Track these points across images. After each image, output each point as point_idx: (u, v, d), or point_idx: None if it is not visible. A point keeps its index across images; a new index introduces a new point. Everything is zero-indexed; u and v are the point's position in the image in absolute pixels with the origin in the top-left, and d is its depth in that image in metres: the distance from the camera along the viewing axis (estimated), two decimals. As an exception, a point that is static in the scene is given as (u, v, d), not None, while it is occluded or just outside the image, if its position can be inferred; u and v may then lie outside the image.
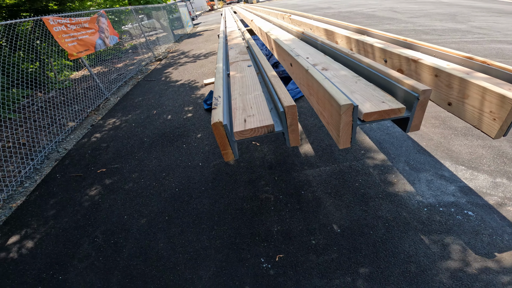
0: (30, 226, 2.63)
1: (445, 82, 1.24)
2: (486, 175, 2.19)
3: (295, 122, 1.07)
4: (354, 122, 1.00)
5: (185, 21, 15.72)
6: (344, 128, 1.01)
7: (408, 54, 1.41)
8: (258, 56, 1.74)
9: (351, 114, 0.97)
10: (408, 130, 1.11)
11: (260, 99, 1.27)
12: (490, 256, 1.63)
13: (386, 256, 1.73)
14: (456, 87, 1.19)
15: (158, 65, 8.37)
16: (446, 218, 1.90)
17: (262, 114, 1.13)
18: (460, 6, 10.67)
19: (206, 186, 2.63)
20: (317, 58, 1.67)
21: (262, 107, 1.19)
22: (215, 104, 1.15)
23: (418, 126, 1.11)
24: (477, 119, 1.17)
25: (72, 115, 5.15)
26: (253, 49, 1.98)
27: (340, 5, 15.50)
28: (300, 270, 1.74)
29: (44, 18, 4.23)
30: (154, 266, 1.98)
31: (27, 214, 2.81)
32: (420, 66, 1.36)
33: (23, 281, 2.07)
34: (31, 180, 3.48)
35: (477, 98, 1.12)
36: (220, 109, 1.10)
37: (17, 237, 2.52)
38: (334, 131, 1.10)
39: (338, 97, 0.97)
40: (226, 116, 1.11)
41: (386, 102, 1.04)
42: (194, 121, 4.02)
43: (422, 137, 2.75)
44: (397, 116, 1.03)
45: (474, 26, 6.96)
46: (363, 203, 2.13)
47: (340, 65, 1.49)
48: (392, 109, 1.01)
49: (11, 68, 4.75)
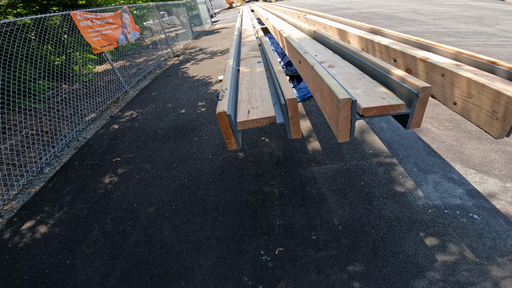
0: (46, 211, 2.78)
1: (450, 81, 1.24)
2: (496, 179, 2.14)
3: (296, 115, 1.10)
4: (353, 117, 1.03)
5: (204, 18, 15.95)
6: (343, 122, 1.04)
7: (416, 54, 1.41)
8: (268, 52, 1.79)
9: (349, 108, 1.00)
10: (408, 126, 1.12)
11: (265, 92, 1.32)
12: (491, 260, 1.61)
13: (384, 255, 1.74)
14: (461, 86, 1.19)
15: (176, 60, 8.57)
16: (450, 220, 1.88)
17: (265, 106, 1.18)
18: (488, 9, 10.22)
19: (214, 178, 2.71)
20: (326, 56, 1.70)
21: (266, 100, 1.23)
22: (222, 95, 1.21)
23: (419, 123, 1.12)
24: (480, 119, 1.17)
25: (93, 106, 5.39)
26: (264, 46, 2.02)
27: (360, 6, 15.19)
28: (298, 264, 1.78)
29: (72, 13, 4.46)
30: (157, 253, 2.06)
31: (44, 199, 2.97)
32: (427, 66, 1.36)
33: (33, 265, 2.18)
34: (51, 167, 3.67)
35: (480, 97, 1.12)
36: (225, 100, 1.15)
37: (32, 222, 2.67)
38: (334, 125, 1.13)
39: (337, 91, 1.01)
40: (231, 107, 1.16)
41: (386, 98, 1.06)
42: (206, 116, 4.12)
43: (434, 139, 2.70)
44: (396, 112, 1.05)
45: (501, 29, 6.66)
46: (367, 202, 2.13)
47: (347, 63, 1.51)
48: (392, 105, 1.03)
49: (39, 60, 5.03)
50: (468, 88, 1.17)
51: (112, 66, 5.58)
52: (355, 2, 17.84)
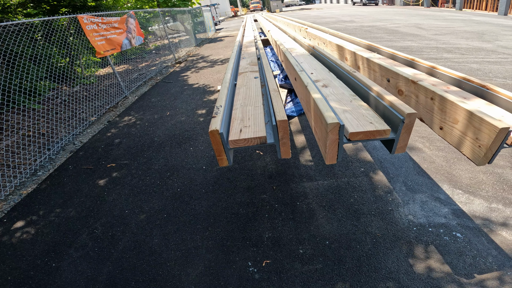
0: (36, 213, 2.76)
1: (438, 106, 1.29)
2: (482, 200, 2.19)
3: (286, 136, 1.14)
4: (340, 140, 1.07)
5: (208, 25, 16.22)
6: (330, 145, 1.08)
7: (408, 75, 1.47)
8: (265, 68, 1.84)
9: (337, 133, 1.04)
10: (393, 151, 1.16)
11: (258, 111, 1.36)
12: (470, 277, 1.65)
13: (368, 271, 1.77)
14: (447, 111, 1.24)
15: (177, 67, 8.67)
16: (433, 238, 1.92)
17: (257, 125, 1.22)
18: (490, 25, 10.50)
19: (206, 189, 2.73)
20: (321, 75, 1.75)
21: (258, 119, 1.28)
22: (215, 113, 1.25)
23: (404, 148, 1.17)
24: (465, 145, 1.21)
25: (91, 110, 5.42)
26: (262, 61, 2.08)
27: (363, 19, 15.53)
28: (284, 277, 1.79)
29: (79, 16, 4.55)
30: (145, 260, 2.07)
31: (35, 201, 2.95)
32: (418, 88, 1.41)
33: (17, 266, 2.17)
34: (45, 169, 3.67)
35: (465, 124, 1.16)
36: (219, 118, 1.19)
37: (21, 223, 2.65)
38: (322, 147, 1.17)
39: (327, 115, 1.05)
40: (224, 125, 1.20)
41: (373, 123, 1.11)
42: (203, 126, 4.16)
43: (425, 159, 2.75)
44: (382, 138, 1.09)
45: (500, 45, 6.84)
46: (355, 219, 2.16)
47: (341, 83, 1.57)
48: (378, 130, 1.07)
49: (42, 61, 5.07)
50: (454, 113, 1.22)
51: (114, 70, 5.64)
52: (358, 16, 18.28)
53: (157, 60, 9.45)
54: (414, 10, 20.02)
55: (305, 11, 30.11)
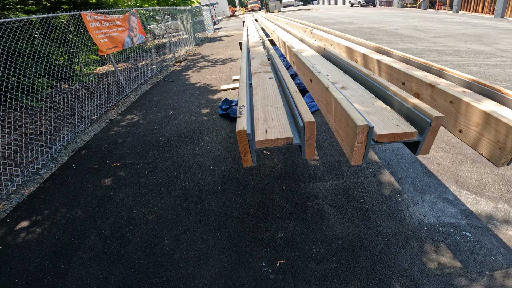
0: (40, 213, 2.72)
1: (458, 109, 1.31)
2: (488, 200, 2.24)
3: (312, 137, 1.15)
4: (368, 142, 1.08)
5: (207, 25, 16.17)
6: (358, 146, 1.09)
7: (425, 79, 1.49)
8: (281, 69, 1.85)
9: (366, 134, 1.05)
10: (417, 153, 1.18)
11: (280, 111, 1.36)
12: (481, 274, 1.69)
13: (382, 269, 1.79)
14: (468, 115, 1.25)
15: (177, 66, 8.63)
16: (444, 237, 1.96)
17: (282, 126, 1.22)
18: (487, 27, 10.64)
19: (215, 189, 2.72)
20: (337, 76, 1.77)
21: (282, 120, 1.28)
22: (240, 113, 1.25)
23: (428, 150, 1.18)
24: (484, 148, 1.23)
25: (92, 108, 5.36)
26: (275, 62, 2.09)
27: (362, 21, 15.63)
28: (299, 277, 1.80)
29: (82, 13, 4.50)
30: (157, 261, 2.05)
31: (39, 201, 2.91)
32: (436, 91, 1.43)
33: (24, 268, 2.12)
34: (47, 168, 3.62)
35: (486, 127, 1.18)
36: (244, 118, 1.19)
37: (25, 223, 2.60)
38: (348, 149, 1.18)
39: (355, 117, 1.06)
40: (249, 125, 1.20)
41: (400, 126, 1.12)
42: (208, 125, 4.15)
43: (431, 160, 2.79)
44: (409, 140, 1.11)
45: (499, 48, 6.95)
46: (366, 219, 2.19)
47: (359, 85, 1.58)
48: (405, 132, 1.09)
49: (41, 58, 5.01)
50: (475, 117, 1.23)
51: (115, 68, 5.60)
52: (357, 17, 18.38)
53: (157, 59, 9.40)
54: (412, 12, 20.22)
55: (303, 12, 30.19)
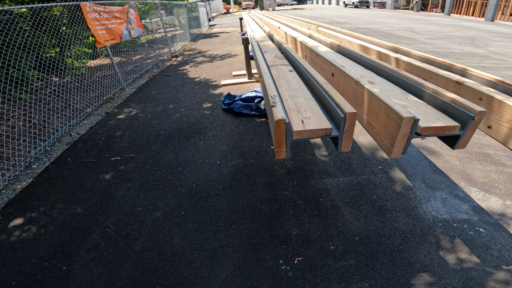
0: (35, 210, 2.56)
1: (489, 106, 1.30)
2: (497, 197, 2.28)
3: (352, 128, 1.11)
4: (411, 135, 1.05)
5: (202, 21, 15.94)
6: (400, 139, 1.06)
7: (452, 76, 1.47)
8: (301, 63, 1.80)
9: (410, 127, 1.02)
10: (456, 147, 1.16)
11: (312, 103, 1.32)
12: (499, 268, 1.72)
13: (402, 265, 1.79)
14: (500, 111, 1.24)
15: (174, 61, 8.45)
16: (459, 233, 1.98)
17: (318, 117, 1.18)
18: (479, 30, 10.93)
19: (224, 185, 2.66)
20: (359, 71, 1.73)
21: (316, 111, 1.24)
22: (273, 102, 1.20)
23: (465, 144, 1.17)
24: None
25: (87, 101, 5.17)
26: (293, 55, 2.04)
27: (357, 21, 15.77)
28: (318, 274, 1.77)
29: (82, 4, 4.32)
30: (168, 261, 1.95)
31: (33, 197, 2.75)
32: (463, 88, 1.42)
33: (21, 269, 1.98)
34: (40, 162, 3.45)
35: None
36: (280, 108, 1.14)
37: (19, 221, 2.44)
38: (386, 142, 1.15)
39: (399, 109, 1.02)
40: (285, 115, 1.15)
41: (441, 119, 1.10)
42: (211, 120, 4.07)
43: (439, 158, 2.81)
44: (450, 133, 1.08)
45: (492, 51, 7.14)
46: (381, 215, 2.18)
47: (385, 80, 1.55)
48: (448, 126, 1.06)
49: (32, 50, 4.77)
50: (507, 113, 1.23)
51: (112, 61, 5.42)
52: (352, 17, 18.55)
53: (152, 53, 9.18)
54: (405, 14, 20.58)
55: (298, 11, 30.23)
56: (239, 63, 7.44)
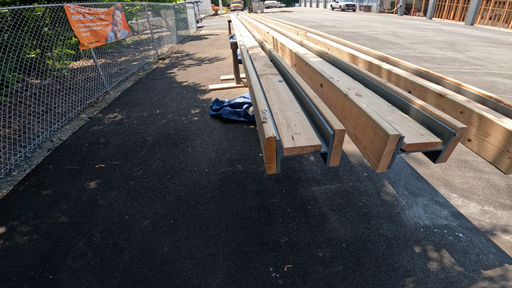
0: (17, 219, 2.48)
1: (469, 119, 1.37)
2: (475, 203, 2.39)
3: (340, 144, 1.14)
4: (396, 151, 1.10)
5: (190, 23, 15.81)
6: (386, 155, 1.10)
7: (434, 88, 1.54)
8: (291, 73, 1.83)
9: (396, 144, 1.07)
10: (437, 161, 1.22)
11: (302, 117, 1.34)
12: (477, 272, 1.81)
13: (387, 270, 1.85)
14: (479, 126, 1.32)
15: (161, 64, 8.33)
16: (439, 238, 2.07)
17: (308, 133, 1.21)
18: (459, 35, 11.42)
19: (213, 193, 2.65)
20: (348, 83, 1.78)
21: (306, 126, 1.26)
22: (264, 118, 1.21)
23: (446, 158, 1.23)
24: (493, 156, 1.30)
25: (68, 105, 5.01)
26: (282, 65, 2.07)
27: (344, 25, 16.14)
28: (308, 281, 1.80)
29: (65, 5, 4.19)
30: (158, 270, 1.94)
31: (14, 205, 2.65)
32: (445, 101, 1.49)
33: (6, 278, 1.93)
34: (20, 169, 3.32)
35: (497, 138, 1.25)
36: (270, 124, 1.16)
37: (1, 229, 2.36)
38: (372, 157, 1.19)
39: (386, 127, 1.07)
40: (275, 131, 1.17)
41: (424, 135, 1.15)
42: (199, 126, 4.04)
43: (420, 165, 2.92)
44: (433, 149, 1.14)
45: (472, 56, 7.48)
46: (366, 221, 2.24)
47: (372, 93, 1.61)
48: (430, 142, 1.11)
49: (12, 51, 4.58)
50: (486, 128, 1.30)
51: (96, 64, 5.27)
52: (339, 21, 18.95)
53: (138, 55, 9.01)
54: (389, 17, 21.26)
55: (286, 14, 30.59)
56: (228, 66, 7.44)
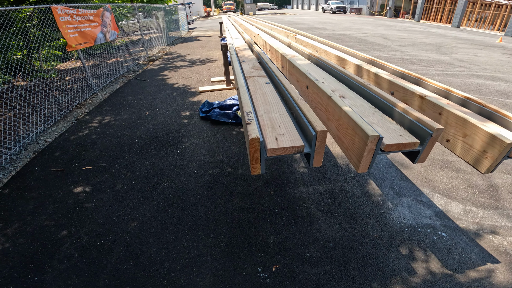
0: (1, 221, 2.44)
1: (447, 120, 1.42)
2: (458, 203, 2.47)
3: (322, 145, 1.17)
4: (376, 151, 1.13)
5: (182, 24, 15.76)
6: (366, 155, 1.14)
7: (415, 90, 1.60)
8: (278, 76, 1.86)
9: (375, 144, 1.10)
10: (416, 161, 1.26)
11: (286, 119, 1.37)
12: (460, 271, 1.86)
13: (373, 270, 1.89)
14: (457, 126, 1.37)
15: (151, 65, 8.26)
16: (423, 238, 2.12)
17: (291, 134, 1.23)
18: (445, 37, 11.75)
19: (201, 194, 2.65)
20: (333, 85, 1.82)
21: (290, 127, 1.29)
22: (248, 119, 1.24)
23: (425, 158, 1.27)
24: (471, 156, 1.35)
25: (55, 106, 4.91)
26: (270, 67, 2.10)
27: (335, 27, 16.41)
28: (296, 280, 1.82)
29: (53, 7, 4.13)
30: (146, 271, 1.94)
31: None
32: (425, 103, 1.54)
33: None
34: (5, 171, 3.25)
35: (474, 138, 1.30)
36: (255, 126, 1.18)
37: None
38: (354, 157, 1.22)
39: (366, 128, 1.10)
40: (259, 132, 1.19)
41: (403, 136, 1.19)
42: (189, 128, 4.03)
43: (405, 166, 2.99)
44: (411, 149, 1.18)
45: (457, 58, 7.70)
46: (353, 221, 2.28)
47: (356, 94, 1.65)
48: (409, 142, 1.16)
49: None
50: (464, 128, 1.35)
51: (84, 65, 5.20)
52: (330, 23, 19.25)
53: (127, 56, 8.92)
54: (379, 20, 21.71)
55: (278, 16, 30.84)
56: (218, 68, 7.45)
